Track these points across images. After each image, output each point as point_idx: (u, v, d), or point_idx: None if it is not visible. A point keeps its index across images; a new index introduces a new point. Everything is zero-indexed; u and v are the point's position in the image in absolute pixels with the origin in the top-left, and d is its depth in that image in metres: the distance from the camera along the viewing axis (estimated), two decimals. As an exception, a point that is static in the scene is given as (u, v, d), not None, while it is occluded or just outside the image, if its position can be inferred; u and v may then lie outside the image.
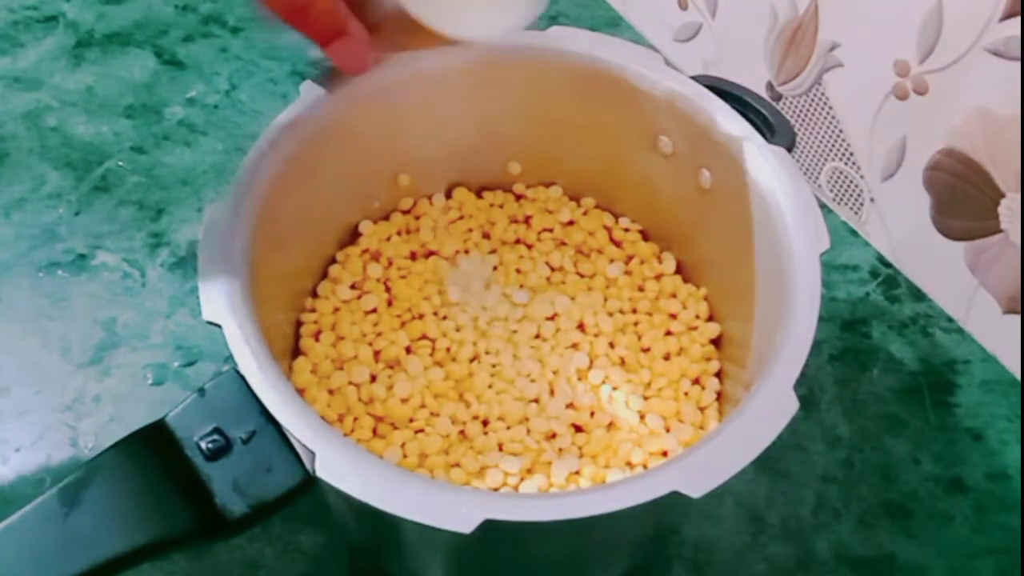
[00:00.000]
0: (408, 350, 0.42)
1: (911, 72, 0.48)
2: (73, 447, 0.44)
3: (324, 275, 0.44)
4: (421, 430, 0.39)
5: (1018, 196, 0.46)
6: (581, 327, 0.43)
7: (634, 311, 0.44)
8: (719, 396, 0.41)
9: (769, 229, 0.37)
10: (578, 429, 0.40)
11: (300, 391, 0.37)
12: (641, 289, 0.44)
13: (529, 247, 0.46)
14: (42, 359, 0.48)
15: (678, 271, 0.45)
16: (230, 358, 0.31)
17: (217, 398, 0.32)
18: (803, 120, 0.56)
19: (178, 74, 0.61)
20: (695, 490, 0.29)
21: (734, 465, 0.30)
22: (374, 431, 0.40)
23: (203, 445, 0.31)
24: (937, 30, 0.46)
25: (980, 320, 0.51)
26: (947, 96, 0.47)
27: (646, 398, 0.41)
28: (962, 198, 0.49)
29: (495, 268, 0.45)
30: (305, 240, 0.42)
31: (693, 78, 0.40)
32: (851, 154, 0.54)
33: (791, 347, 0.33)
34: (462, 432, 0.40)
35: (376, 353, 0.42)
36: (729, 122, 0.39)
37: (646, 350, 0.42)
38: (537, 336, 0.43)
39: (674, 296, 0.44)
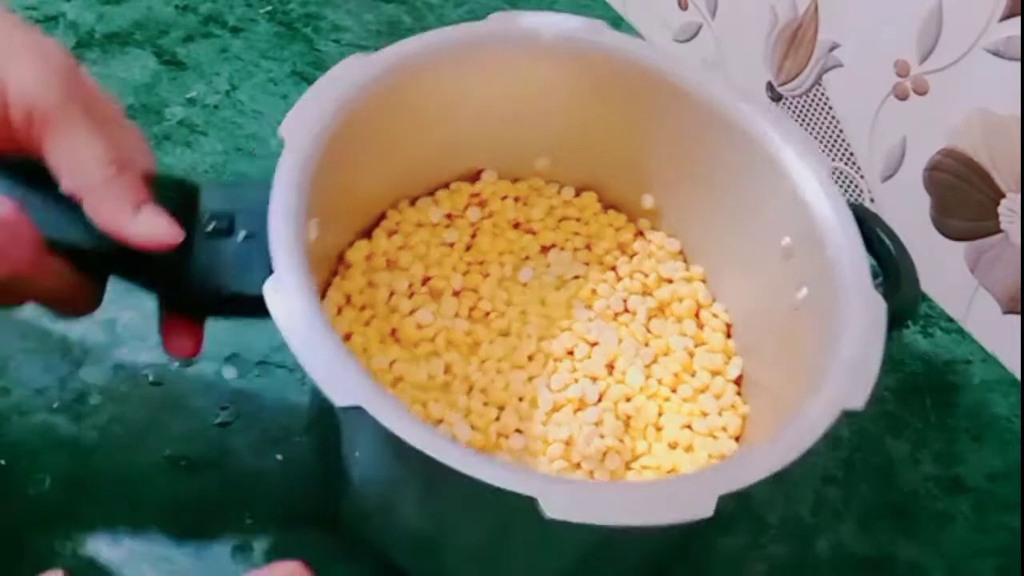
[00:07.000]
0: (456, 293, 0.42)
1: (911, 72, 0.48)
2: (73, 447, 0.44)
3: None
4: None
5: (1018, 196, 0.46)
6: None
7: (659, 314, 0.43)
8: (739, 391, 0.41)
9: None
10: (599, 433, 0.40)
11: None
12: (664, 297, 0.44)
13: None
14: (42, 359, 0.48)
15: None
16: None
17: (251, 196, 0.34)
18: (803, 120, 0.56)
19: (178, 74, 0.61)
20: None
21: None
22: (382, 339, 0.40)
23: (210, 225, 0.34)
24: (937, 30, 0.46)
25: (980, 320, 0.51)
26: (947, 96, 0.47)
27: (667, 400, 0.41)
28: (962, 198, 0.49)
29: (576, 277, 0.44)
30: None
31: (851, 206, 0.38)
32: (851, 154, 0.54)
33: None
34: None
35: (426, 279, 0.42)
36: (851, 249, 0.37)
37: (667, 354, 0.42)
38: (570, 353, 0.42)
39: (699, 306, 0.44)
